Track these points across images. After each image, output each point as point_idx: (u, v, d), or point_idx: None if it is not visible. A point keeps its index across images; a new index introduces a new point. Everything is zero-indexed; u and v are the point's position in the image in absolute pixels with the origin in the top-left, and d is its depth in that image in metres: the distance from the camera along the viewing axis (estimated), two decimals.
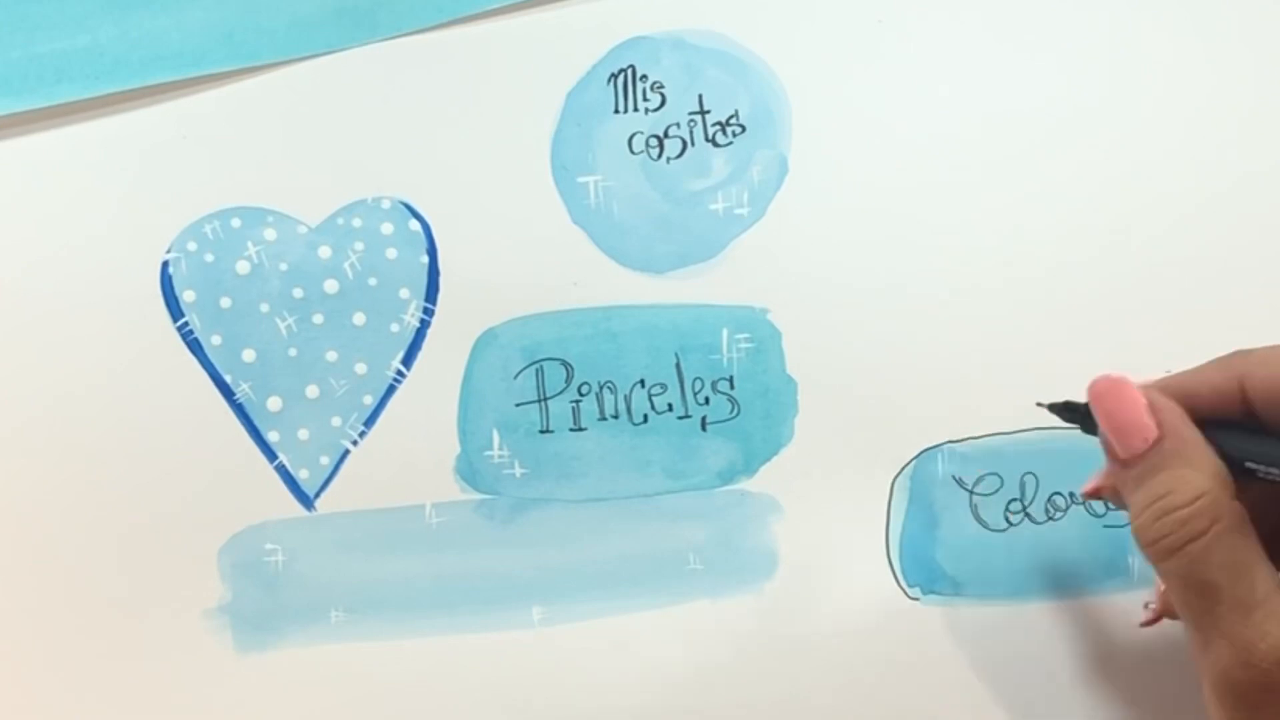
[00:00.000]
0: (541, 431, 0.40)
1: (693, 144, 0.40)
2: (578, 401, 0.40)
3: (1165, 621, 0.38)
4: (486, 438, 0.40)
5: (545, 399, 0.40)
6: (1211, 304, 0.40)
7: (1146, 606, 0.37)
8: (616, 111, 0.40)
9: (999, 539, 0.40)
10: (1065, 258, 0.40)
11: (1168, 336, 0.40)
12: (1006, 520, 0.40)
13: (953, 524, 0.40)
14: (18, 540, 0.39)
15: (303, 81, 0.40)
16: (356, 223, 0.40)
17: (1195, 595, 0.30)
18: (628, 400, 0.40)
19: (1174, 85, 0.41)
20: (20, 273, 0.40)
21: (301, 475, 0.39)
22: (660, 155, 0.40)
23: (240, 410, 0.40)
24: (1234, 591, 0.29)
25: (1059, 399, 0.35)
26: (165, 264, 0.40)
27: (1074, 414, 0.35)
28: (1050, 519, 0.40)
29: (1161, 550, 0.31)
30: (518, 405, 0.40)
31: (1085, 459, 0.39)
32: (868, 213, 0.40)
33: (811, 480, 0.40)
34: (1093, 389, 0.32)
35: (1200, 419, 0.32)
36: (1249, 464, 0.31)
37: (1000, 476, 0.40)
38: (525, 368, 0.40)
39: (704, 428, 0.40)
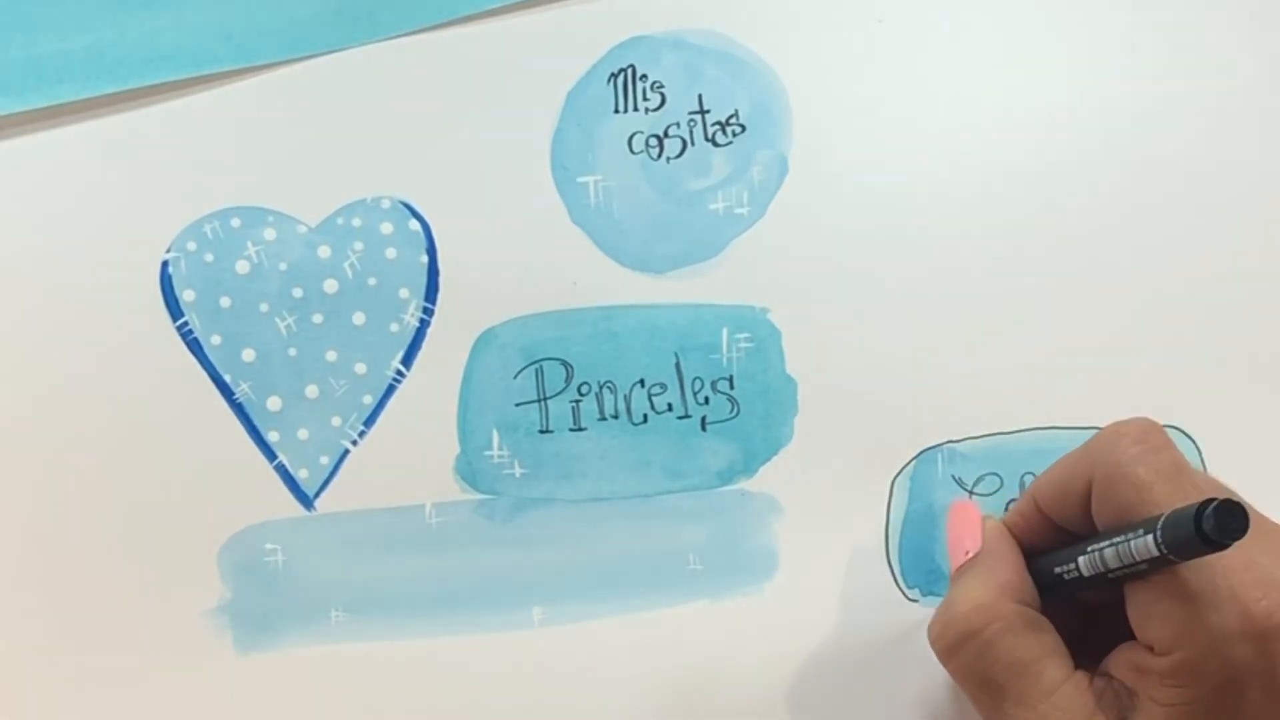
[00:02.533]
0: (541, 431, 0.40)
1: (693, 144, 0.40)
2: (578, 401, 0.40)
3: None
4: (486, 438, 0.40)
5: (545, 399, 0.40)
6: (1212, 304, 0.40)
7: None
8: (616, 111, 0.40)
9: None
10: (1065, 257, 0.40)
11: (1168, 336, 0.40)
12: None
13: None
14: (17, 540, 0.39)
15: (303, 81, 0.40)
16: (356, 222, 0.40)
17: (982, 693, 0.32)
18: (627, 400, 0.40)
19: (1174, 84, 0.41)
20: (20, 272, 0.40)
21: (301, 475, 0.39)
22: (660, 155, 0.40)
23: (240, 410, 0.40)
24: (1016, 687, 0.31)
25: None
26: (165, 264, 0.40)
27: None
28: None
29: (943, 651, 0.33)
30: (517, 405, 0.40)
31: None
32: (868, 213, 0.40)
33: (811, 480, 0.40)
34: (950, 509, 0.36)
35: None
36: (1055, 569, 0.33)
37: (1000, 476, 0.40)
38: (525, 368, 0.40)
39: (704, 428, 0.40)
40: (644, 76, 0.40)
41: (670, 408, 0.40)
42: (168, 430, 0.39)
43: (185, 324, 0.40)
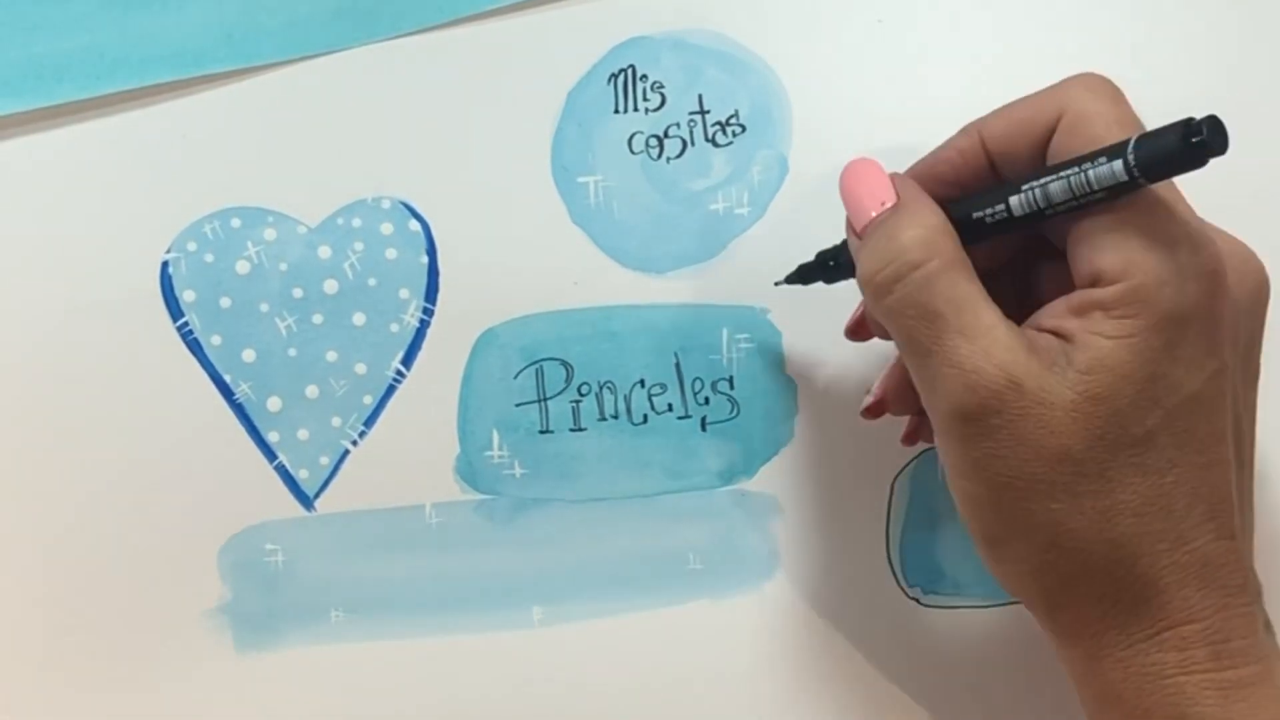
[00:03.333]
0: (541, 431, 0.40)
1: (693, 144, 0.40)
2: (578, 401, 0.40)
3: None
4: (486, 438, 0.40)
5: (545, 399, 0.40)
6: None
7: (867, 393, 0.37)
8: (616, 111, 0.40)
9: None
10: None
11: None
12: None
13: (953, 524, 0.40)
14: (17, 541, 0.39)
15: (303, 81, 0.40)
16: (356, 223, 0.40)
17: (923, 324, 0.31)
18: (627, 400, 0.40)
19: (1174, 84, 0.41)
20: (20, 272, 0.40)
21: (301, 475, 0.40)
22: (660, 155, 0.40)
23: (240, 410, 0.40)
24: (958, 321, 0.30)
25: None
26: (165, 264, 0.40)
27: (811, 271, 0.37)
28: None
29: (884, 283, 0.31)
30: (518, 405, 0.40)
31: None
32: None
33: (811, 480, 0.40)
34: (844, 169, 0.34)
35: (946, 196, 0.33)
36: (975, 214, 0.32)
37: None
38: (525, 368, 0.40)
39: (704, 428, 0.40)
40: (644, 77, 0.40)
41: (670, 408, 0.40)
42: (168, 430, 0.39)
43: (185, 324, 0.40)
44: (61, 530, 0.39)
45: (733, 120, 0.40)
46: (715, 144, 0.40)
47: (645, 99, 0.40)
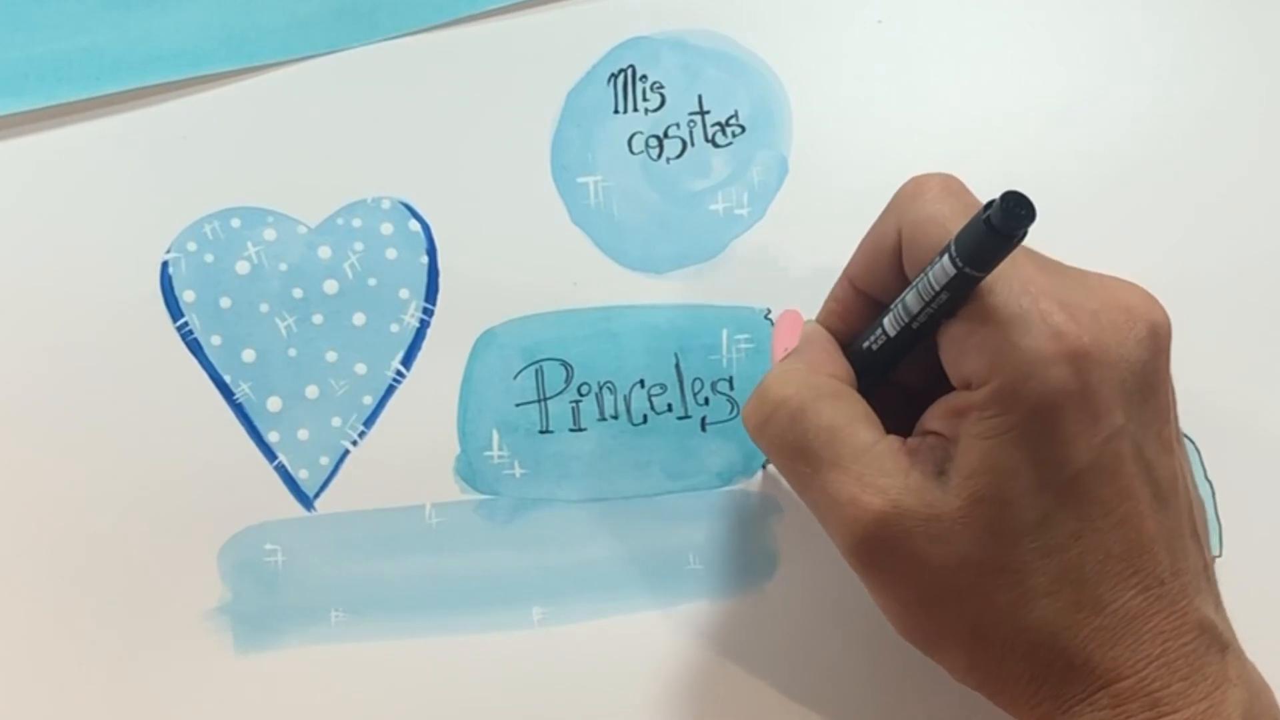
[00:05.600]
0: (541, 432, 0.40)
1: (692, 144, 0.40)
2: (577, 402, 0.40)
3: None
4: (486, 438, 0.40)
5: (545, 399, 0.40)
6: (1212, 304, 0.40)
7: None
8: (616, 111, 0.40)
9: None
10: (1064, 257, 0.40)
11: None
12: None
13: None
14: (17, 540, 0.39)
15: (303, 81, 0.40)
16: (356, 223, 0.40)
17: (797, 462, 0.31)
18: (627, 400, 0.40)
19: (1174, 84, 0.41)
20: (20, 272, 0.40)
21: (301, 475, 0.40)
22: (660, 155, 0.40)
23: (240, 410, 0.40)
24: (831, 451, 0.31)
25: None
26: (165, 264, 0.40)
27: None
28: None
29: (756, 426, 0.33)
30: (517, 405, 0.40)
31: None
32: (867, 213, 0.40)
33: None
34: (777, 321, 0.35)
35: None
36: (863, 345, 0.33)
37: None
38: (525, 368, 0.40)
39: (704, 428, 0.40)
40: (644, 77, 0.40)
41: (670, 408, 0.40)
42: (168, 430, 0.39)
43: (185, 324, 0.40)
44: (61, 530, 0.39)
45: (733, 120, 0.40)
46: (715, 144, 0.40)
47: (645, 99, 0.40)
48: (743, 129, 0.40)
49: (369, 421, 0.40)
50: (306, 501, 0.40)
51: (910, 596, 0.31)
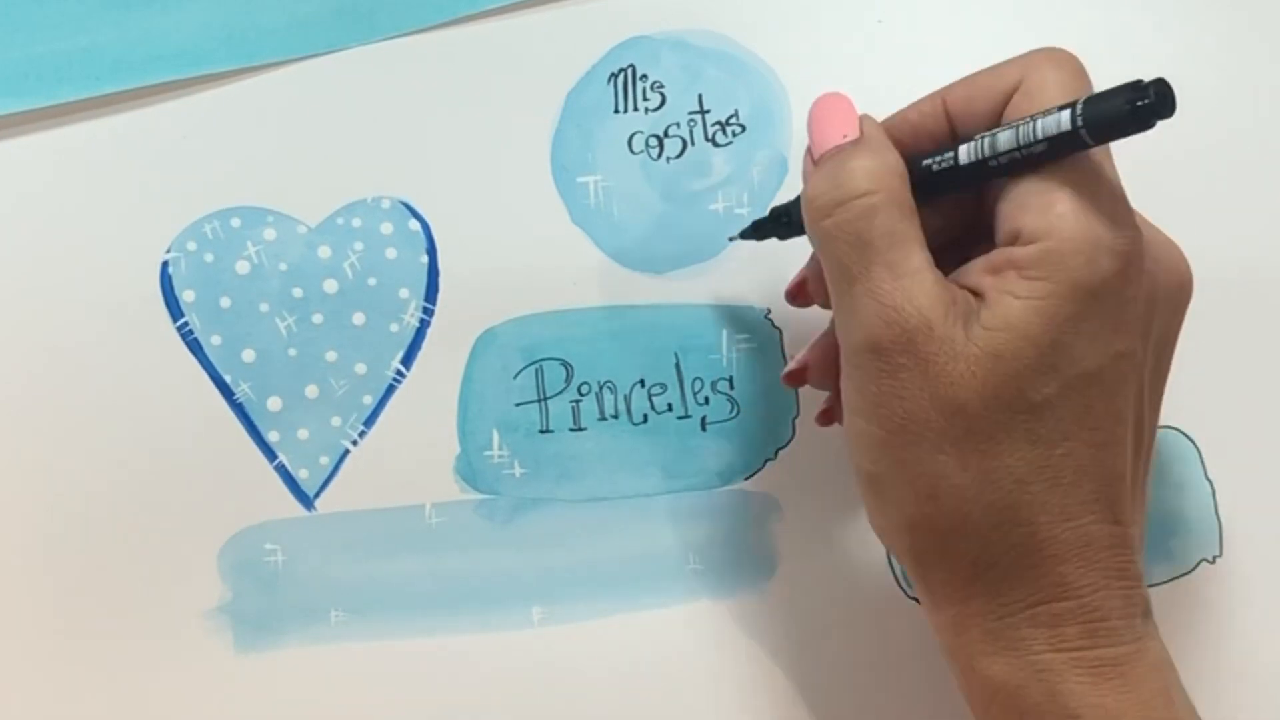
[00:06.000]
0: (541, 431, 0.40)
1: (693, 144, 0.40)
2: (578, 401, 0.40)
3: None
4: (486, 438, 0.40)
5: (545, 399, 0.40)
6: (1212, 304, 0.40)
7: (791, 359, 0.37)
8: (616, 111, 0.40)
9: None
10: None
11: None
12: None
13: None
14: (17, 540, 0.39)
15: (303, 81, 0.40)
16: (356, 223, 0.40)
17: (855, 251, 0.31)
18: (627, 400, 0.40)
19: (1174, 83, 0.41)
20: (20, 272, 0.40)
21: (301, 475, 0.40)
22: (660, 155, 0.40)
23: (240, 410, 0.40)
24: (889, 255, 0.30)
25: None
26: (165, 264, 0.40)
27: (765, 227, 0.37)
28: None
29: (825, 206, 0.32)
30: (518, 405, 0.40)
31: None
32: None
33: (811, 480, 0.40)
34: (816, 101, 0.34)
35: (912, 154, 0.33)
36: (925, 162, 0.32)
37: None
38: (525, 368, 0.40)
39: (704, 428, 0.40)
40: (644, 77, 0.40)
41: (670, 408, 0.40)
42: (168, 430, 0.39)
43: (185, 324, 0.40)
44: (61, 530, 0.39)
45: (733, 120, 0.40)
46: (715, 144, 0.40)
47: (645, 99, 0.40)
48: (743, 129, 0.40)
49: (369, 421, 0.40)
50: (306, 501, 0.40)
51: (894, 420, 0.30)
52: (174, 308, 0.40)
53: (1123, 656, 0.30)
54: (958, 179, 0.32)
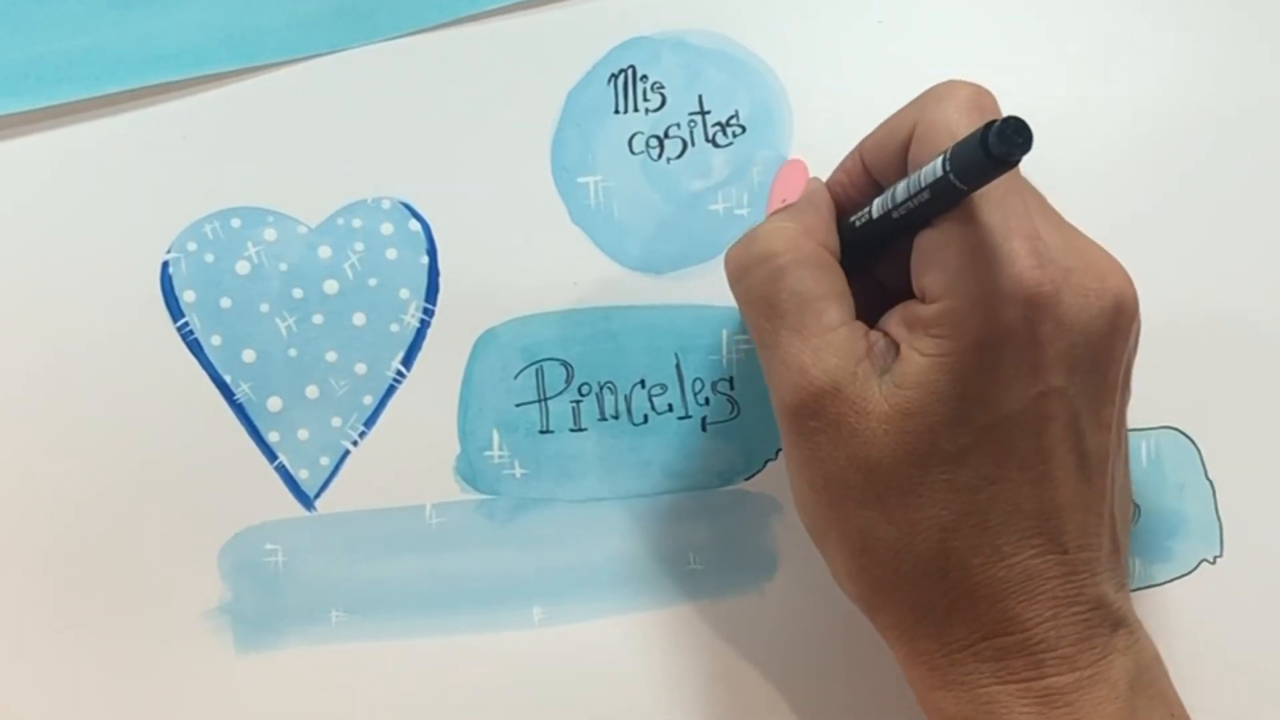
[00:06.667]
0: (541, 432, 0.40)
1: (693, 144, 0.40)
2: (578, 402, 0.40)
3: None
4: (486, 438, 0.40)
5: (545, 399, 0.40)
6: (1212, 304, 0.40)
7: None
8: (616, 112, 0.40)
9: None
10: None
11: (1168, 336, 0.40)
12: None
13: None
14: (17, 540, 0.39)
15: (303, 81, 0.40)
16: (356, 223, 0.40)
17: (764, 318, 0.32)
18: (628, 400, 0.40)
19: (1175, 85, 0.41)
20: (21, 272, 0.40)
21: (301, 475, 0.40)
22: (660, 156, 0.40)
23: (240, 410, 0.40)
24: (797, 318, 0.31)
25: None
26: (165, 264, 0.40)
27: None
28: None
29: (736, 270, 0.33)
30: (518, 405, 0.40)
31: None
32: None
33: None
34: (779, 168, 0.36)
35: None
36: (849, 220, 0.33)
37: None
38: (525, 368, 0.40)
39: (704, 428, 0.40)
40: (644, 77, 0.40)
41: (670, 408, 0.40)
42: (168, 430, 0.39)
43: (185, 324, 0.40)
44: (61, 530, 0.39)
45: (733, 121, 0.40)
46: (715, 144, 0.40)
47: (645, 99, 0.40)
48: (743, 129, 0.40)
49: (369, 421, 0.40)
50: (307, 501, 0.40)
51: (819, 479, 0.31)
52: (174, 308, 0.40)
53: (1076, 683, 0.30)
54: (883, 232, 0.32)
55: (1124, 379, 0.32)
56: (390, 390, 0.40)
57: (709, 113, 0.40)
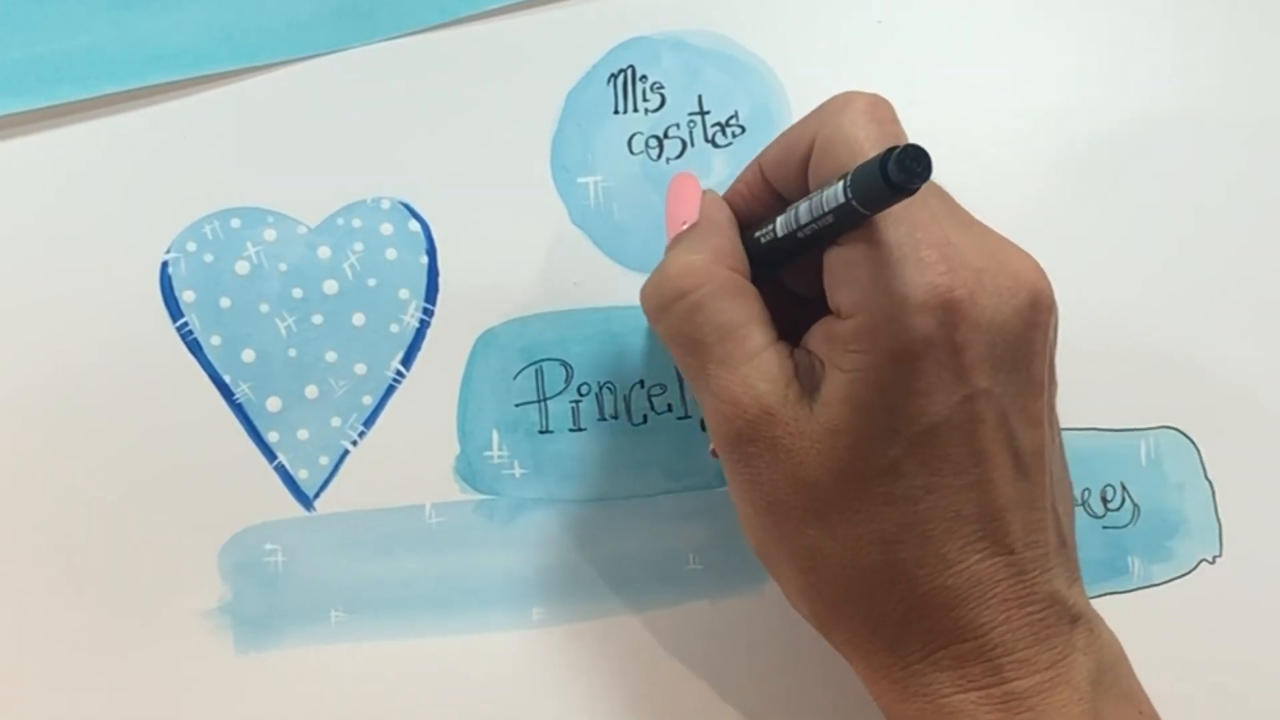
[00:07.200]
0: (541, 432, 0.40)
1: (692, 145, 0.40)
2: (577, 402, 0.40)
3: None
4: (486, 438, 0.40)
5: (545, 399, 0.40)
6: (1212, 304, 0.40)
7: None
8: (616, 112, 0.40)
9: None
10: (1064, 257, 0.40)
11: (1168, 336, 0.40)
12: None
13: None
14: (17, 540, 0.39)
15: (303, 81, 0.40)
16: (356, 223, 0.40)
17: (688, 354, 0.32)
18: (627, 400, 0.40)
19: (1173, 85, 0.41)
20: (20, 272, 0.40)
21: (301, 475, 0.40)
22: (660, 156, 0.40)
23: (240, 410, 0.40)
24: (721, 349, 0.31)
25: None
26: (165, 264, 0.40)
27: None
28: None
29: (653, 311, 0.33)
30: (517, 405, 0.40)
31: (1085, 458, 0.39)
32: None
33: None
34: (669, 182, 0.35)
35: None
36: (754, 235, 0.33)
37: None
38: (525, 368, 0.40)
39: (704, 428, 0.40)
40: (644, 77, 0.40)
41: (670, 408, 0.40)
42: (168, 430, 0.39)
43: (185, 324, 0.40)
44: (61, 530, 0.39)
45: (733, 121, 0.40)
46: (715, 145, 0.40)
47: (645, 99, 0.40)
48: (743, 129, 0.40)
49: (369, 421, 0.40)
50: (306, 501, 0.40)
51: (762, 503, 0.31)
52: (174, 308, 0.40)
53: (1037, 686, 0.30)
54: (790, 248, 0.32)
55: (1049, 372, 0.32)
56: (390, 390, 0.40)
57: (708, 113, 0.40)
